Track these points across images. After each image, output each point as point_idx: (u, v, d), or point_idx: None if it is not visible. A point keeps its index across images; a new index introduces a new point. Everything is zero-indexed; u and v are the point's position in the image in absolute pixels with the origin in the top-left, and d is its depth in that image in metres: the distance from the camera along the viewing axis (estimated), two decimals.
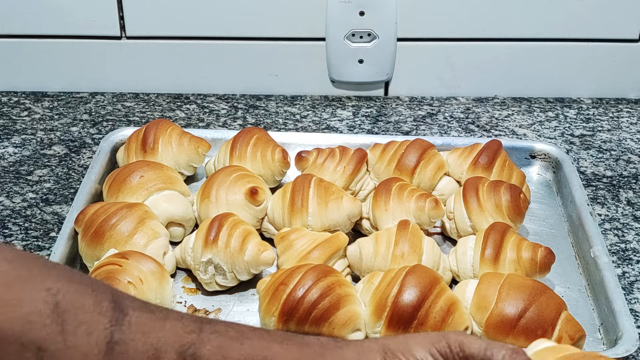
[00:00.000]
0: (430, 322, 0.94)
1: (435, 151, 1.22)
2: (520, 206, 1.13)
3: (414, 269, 0.98)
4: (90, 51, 1.52)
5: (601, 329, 1.02)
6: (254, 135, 1.23)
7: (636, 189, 1.30)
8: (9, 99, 1.53)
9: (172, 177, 1.16)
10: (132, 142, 1.23)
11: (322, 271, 0.97)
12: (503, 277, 0.99)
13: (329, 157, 1.20)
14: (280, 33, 1.50)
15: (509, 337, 0.95)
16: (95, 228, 1.05)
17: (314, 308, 0.95)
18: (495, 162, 1.20)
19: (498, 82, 1.55)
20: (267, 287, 0.98)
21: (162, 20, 1.49)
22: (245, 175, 1.15)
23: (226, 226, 1.04)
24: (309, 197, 1.11)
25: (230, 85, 1.55)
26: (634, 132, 1.46)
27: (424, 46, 1.51)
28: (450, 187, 1.21)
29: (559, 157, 1.28)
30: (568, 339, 0.94)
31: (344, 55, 1.50)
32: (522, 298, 0.96)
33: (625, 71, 1.54)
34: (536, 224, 1.20)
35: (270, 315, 0.96)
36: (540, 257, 1.04)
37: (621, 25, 1.49)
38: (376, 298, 0.97)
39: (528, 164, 1.30)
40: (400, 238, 1.05)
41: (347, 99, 1.54)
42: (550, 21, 1.49)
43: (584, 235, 1.12)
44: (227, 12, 1.48)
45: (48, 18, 1.49)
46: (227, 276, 1.04)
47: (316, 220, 1.11)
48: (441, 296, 0.96)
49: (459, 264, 1.07)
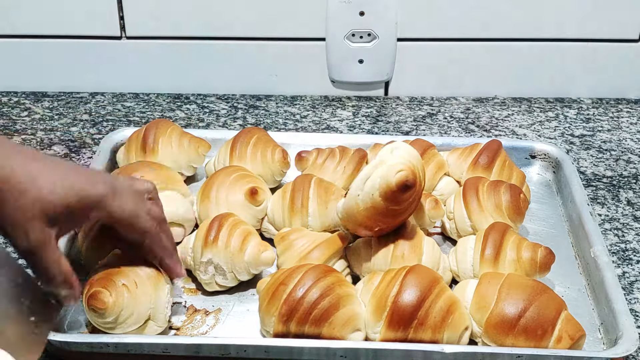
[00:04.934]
0: (430, 322, 0.94)
1: (435, 151, 1.22)
2: (520, 206, 1.12)
3: (413, 269, 0.98)
4: (90, 51, 1.52)
5: (601, 328, 1.02)
6: (254, 135, 1.23)
7: (636, 189, 1.30)
8: (9, 99, 1.53)
9: (172, 178, 1.16)
10: (133, 143, 1.23)
11: (322, 271, 0.97)
12: (503, 277, 0.99)
13: (329, 158, 1.21)
14: (280, 33, 1.50)
15: (509, 336, 0.94)
16: (95, 232, 1.04)
17: (314, 308, 0.95)
18: (495, 162, 1.20)
19: (498, 82, 1.55)
20: (267, 287, 0.98)
21: (162, 20, 1.49)
22: (246, 175, 1.15)
23: (226, 226, 1.04)
24: (309, 197, 1.11)
25: (230, 85, 1.55)
26: (634, 132, 1.46)
27: (424, 46, 1.51)
28: (450, 187, 1.21)
29: (559, 157, 1.28)
30: (568, 339, 0.94)
31: (344, 55, 1.50)
32: (522, 298, 0.95)
33: (625, 71, 1.54)
34: (536, 224, 1.20)
35: (270, 315, 0.96)
36: (540, 257, 1.04)
37: (621, 25, 1.49)
38: (376, 298, 0.97)
39: (528, 164, 1.30)
40: (401, 238, 1.05)
41: (347, 99, 1.54)
42: (550, 21, 1.49)
43: (584, 235, 1.12)
44: (227, 12, 1.48)
45: (48, 18, 1.49)
46: (227, 276, 1.04)
47: (316, 221, 1.11)
48: (441, 296, 0.96)
49: (459, 264, 1.07)
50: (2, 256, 0.87)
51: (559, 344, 0.94)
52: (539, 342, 0.94)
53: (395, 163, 1.00)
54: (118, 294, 0.95)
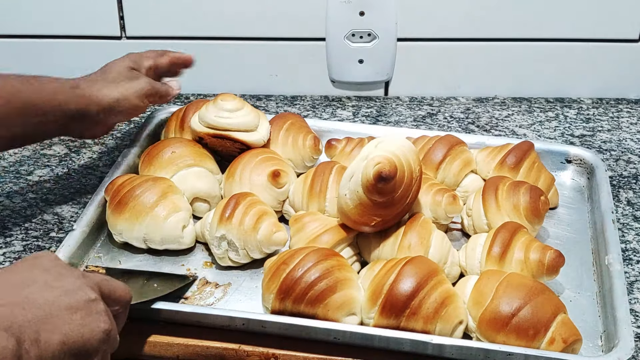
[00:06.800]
0: (422, 312, 0.96)
1: (464, 148, 1.23)
2: (539, 208, 1.12)
3: (413, 260, 0.99)
4: (90, 51, 1.52)
5: (603, 336, 1.01)
6: (287, 120, 1.26)
7: (636, 189, 1.30)
8: None
9: (203, 155, 1.20)
10: (173, 120, 1.29)
11: (323, 254, 1.00)
12: (503, 275, 0.99)
13: (357, 146, 1.23)
14: (280, 33, 1.50)
15: (501, 333, 0.95)
16: (120, 198, 1.11)
17: (310, 289, 0.97)
18: (522, 163, 1.20)
19: (498, 82, 1.55)
20: (271, 265, 1.01)
21: (162, 20, 1.49)
22: (271, 157, 1.19)
23: (242, 205, 1.08)
24: (328, 183, 1.14)
25: (230, 85, 1.55)
26: (634, 132, 1.46)
27: (424, 46, 1.51)
28: (475, 185, 1.21)
29: (594, 164, 1.26)
30: (561, 342, 0.94)
31: (344, 55, 1.50)
32: (518, 297, 0.96)
33: (625, 71, 1.54)
34: (559, 228, 1.19)
35: (269, 292, 0.99)
36: (548, 259, 1.04)
37: (621, 25, 1.49)
38: (373, 284, 0.99)
39: (563, 169, 1.29)
40: (410, 229, 1.06)
41: (347, 99, 1.54)
42: (550, 21, 1.49)
43: (603, 242, 1.11)
44: (227, 12, 1.48)
45: (48, 18, 1.49)
46: (239, 253, 1.08)
47: (333, 207, 1.13)
48: (437, 288, 0.97)
49: (468, 259, 1.08)
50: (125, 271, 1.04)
51: (551, 346, 0.94)
52: (530, 342, 0.94)
53: (374, 156, 1.02)
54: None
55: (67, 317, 0.77)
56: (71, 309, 0.78)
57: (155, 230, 1.09)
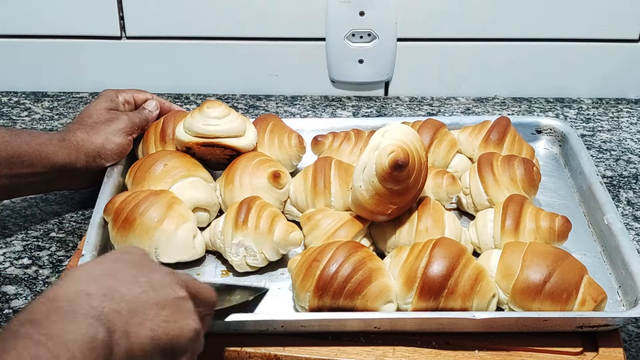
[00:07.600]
0: (459, 290, 0.98)
1: (446, 130, 1.25)
2: (534, 178, 1.16)
3: (440, 241, 1.01)
4: (90, 51, 1.52)
5: (620, 291, 1.05)
6: (269, 122, 1.26)
7: (636, 189, 1.30)
8: (9, 99, 1.53)
9: (194, 164, 1.19)
10: (151, 134, 1.25)
11: (352, 247, 1.01)
12: (526, 246, 1.03)
13: (344, 141, 1.23)
14: (280, 33, 1.50)
15: (536, 301, 0.98)
16: (125, 216, 1.07)
17: (348, 282, 0.98)
18: (505, 138, 1.24)
19: (498, 82, 1.55)
20: (300, 264, 1.01)
21: (162, 20, 1.49)
22: (267, 160, 1.18)
23: (254, 209, 1.08)
24: (330, 178, 1.14)
25: (230, 85, 1.55)
26: (634, 132, 1.46)
27: (424, 46, 1.51)
28: (463, 164, 1.24)
29: (565, 131, 1.32)
30: (592, 301, 0.98)
31: (344, 55, 1.50)
32: (545, 264, 0.99)
33: (625, 71, 1.54)
34: (547, 196, 1.23)
35: (305, 290, 0.99)
36: (558, 226, 1.08)
37: (621, 25, 1.50)
38: (406, 270, 1.00)
39: (535, 139, 1.34)
40: (424, 213, 1.08)
41: (347, 99, 1.54)
42: (550, 21, 1.49)
43: (596, 204, 1.16)
44: (226, 12, 1.48)
45: (48, 18, 1.49)
46: (257, 257, 1.07)
47: (339, 201, 1.14)
48: (468, 266, 0.99)
49: (480, 235, 1.10)
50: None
51: (583, 307, 0.98)
52: (564, 306, 0.98)
53: (386, 145, 1.04)
54: None
55: (155, 313, 0.75)
56: (159, 304, 0.76)
57: (167, 243, 1.07)
